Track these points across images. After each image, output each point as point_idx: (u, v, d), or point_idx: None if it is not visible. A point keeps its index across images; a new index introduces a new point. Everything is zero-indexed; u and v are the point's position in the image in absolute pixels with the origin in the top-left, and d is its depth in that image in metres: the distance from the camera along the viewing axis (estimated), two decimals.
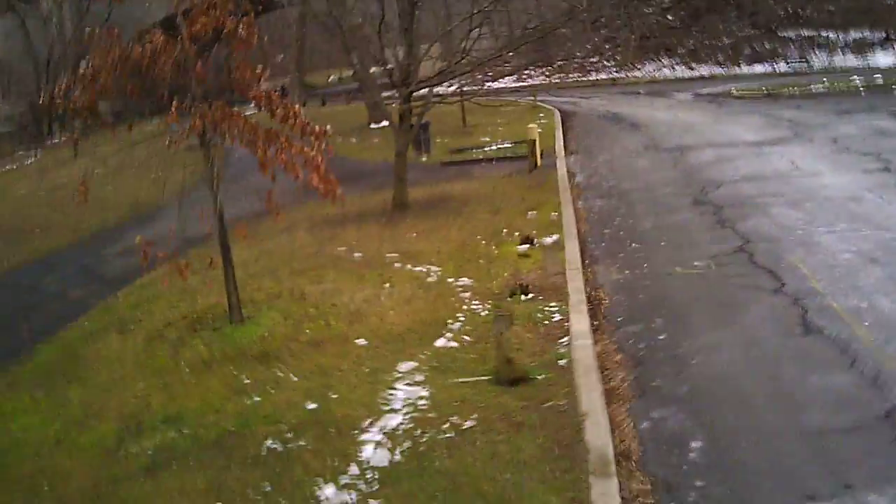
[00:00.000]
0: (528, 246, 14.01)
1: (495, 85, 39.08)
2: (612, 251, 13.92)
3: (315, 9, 35.38)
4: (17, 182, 34.16)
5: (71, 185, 28.78)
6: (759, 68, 52.18)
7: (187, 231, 11.85)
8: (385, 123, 35.19)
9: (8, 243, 20.88)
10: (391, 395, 8.99)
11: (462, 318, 10.90)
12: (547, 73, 58.14)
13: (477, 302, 11.48)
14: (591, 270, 12.83)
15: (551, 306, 10.89)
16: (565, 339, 9.78)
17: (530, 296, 11.35)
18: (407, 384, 9.19)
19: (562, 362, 9.14)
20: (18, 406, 10.41)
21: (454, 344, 10.08)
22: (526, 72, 56.33)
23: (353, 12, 21.63)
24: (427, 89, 19.68)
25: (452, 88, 22.18)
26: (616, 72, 57.80)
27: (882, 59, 48.55)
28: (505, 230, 15.40)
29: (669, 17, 59.48)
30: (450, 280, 12.63)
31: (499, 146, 28.35)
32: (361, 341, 10.52)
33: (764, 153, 21.62)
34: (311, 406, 8.99)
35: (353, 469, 7.55)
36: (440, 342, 10.17)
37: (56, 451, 8.98)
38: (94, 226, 21.73)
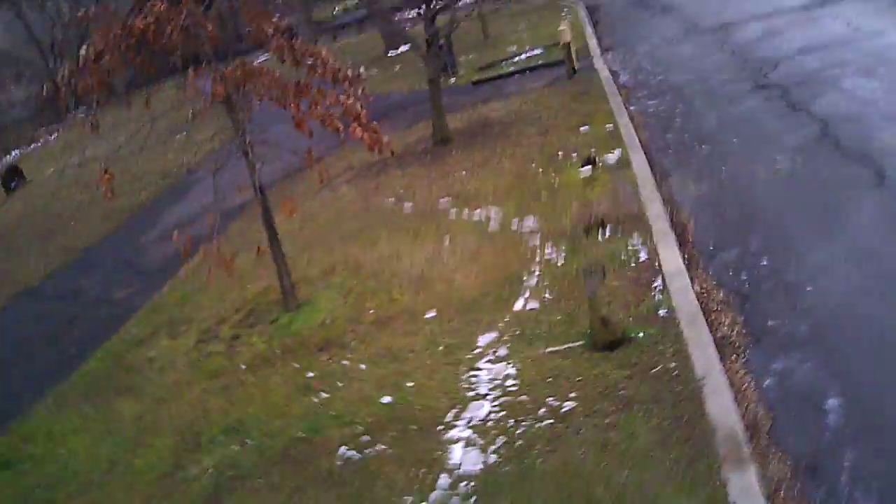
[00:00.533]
0: (590, 168, 12.80)
1: None
2: (683, 159, 12.67)
3: None
4: (44, 162, 33.27)
5: (96, 164, 28.08)
6: None
7: (224, 202, 10.88)
8: (403, 48, 33.68)
9: (44, 239, 20.17)
10: (474, 376, 8.03)
11: (538, 271, 9.81)
12: None
13: (550, 247, 10.36)
14: (666, 186, 11.63)
15: (634, 241, 9.75)
16: (659, 280, 8.68)
17: (608, 231, 10.22)
18: (490, 361, 8.19)
19: (662, 312, 8.07)
20: (67, 426, 9.72)
21: (535, 305, 9.02)
22: None
23: None
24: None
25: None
26: None
27: None
28: (560, 152, 14.15)
29: None
30: (514, 224, 11.50)
31: (528, 54, 26.72)
32: (431, 314, 9.51)
33: (814, 18, 19.98)
34: (386, 399, 8.09)
35: (444, 480, 6.64)
36: (518, 304, 9.12)
37: (108, 479, 8.27)
38: (127, 207, 20.74)
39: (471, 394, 7.73)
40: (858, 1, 20.43)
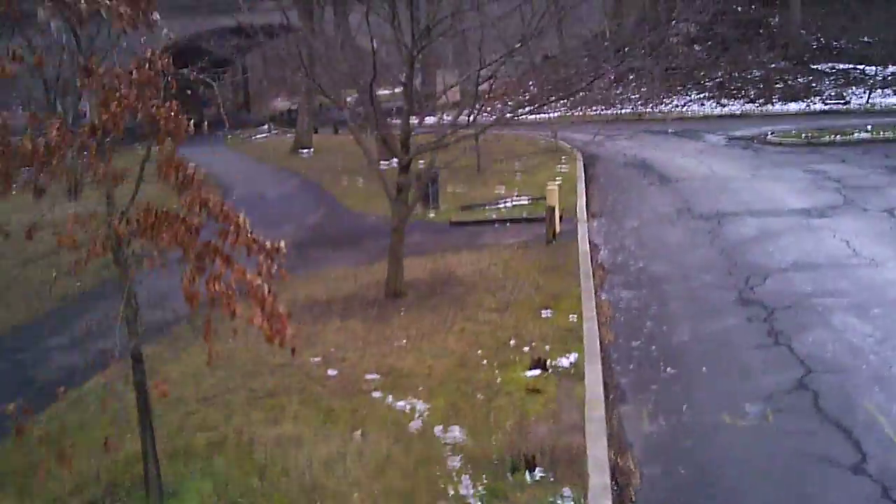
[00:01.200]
0: (539, 372, 11.36)
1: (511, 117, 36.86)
2: (643, 381, 11.25)
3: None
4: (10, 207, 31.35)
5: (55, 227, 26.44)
6: (793, 106, 49.42)
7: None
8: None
9: None
10: None
11: None
12: (568, 106, 55.89)
13: (468, 479, 8.71)
14: (617, 415, 10.20)
15: (565, 495, 8.21)
16: None
17: (537, 473, 8.66)
18: None
19: None
20: None
21: None
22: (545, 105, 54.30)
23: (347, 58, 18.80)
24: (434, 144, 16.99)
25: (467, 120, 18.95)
26: (641, 105, 55.19)
27: None
28: (513, 340, 12.72)
29: (696, 47, 57.19)
30: (438, 430, 9.92)
31: (514, 202, 25.80)
32: None
33: (812, 227, 18.98)
34: None
35: None
36: None
37: None
38: (56, 294, 19.08)
39: None
40: (860, 216, 19.60)
